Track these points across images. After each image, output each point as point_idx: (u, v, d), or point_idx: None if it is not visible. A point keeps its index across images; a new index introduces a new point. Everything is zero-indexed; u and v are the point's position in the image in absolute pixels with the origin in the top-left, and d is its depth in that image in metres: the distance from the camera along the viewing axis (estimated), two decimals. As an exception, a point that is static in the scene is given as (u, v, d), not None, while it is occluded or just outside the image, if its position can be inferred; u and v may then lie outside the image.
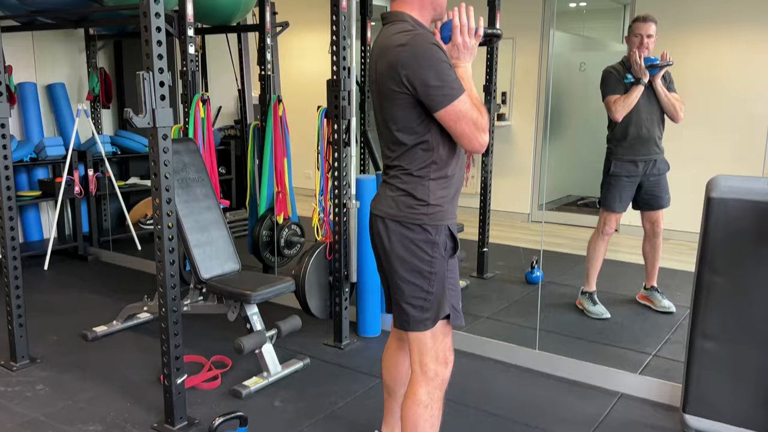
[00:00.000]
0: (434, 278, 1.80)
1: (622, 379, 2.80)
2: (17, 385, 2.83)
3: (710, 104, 4.81)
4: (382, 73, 1.75)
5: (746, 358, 2.31)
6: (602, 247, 3.57)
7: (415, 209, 1.77)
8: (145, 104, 2.20)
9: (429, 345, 1.84)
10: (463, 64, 1.80)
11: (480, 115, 1.72)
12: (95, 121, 5.16)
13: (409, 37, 1.70)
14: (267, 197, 4.13)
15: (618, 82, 3.41)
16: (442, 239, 1.80)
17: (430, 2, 1.81)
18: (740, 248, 2.29)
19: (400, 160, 1.80)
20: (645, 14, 3.39)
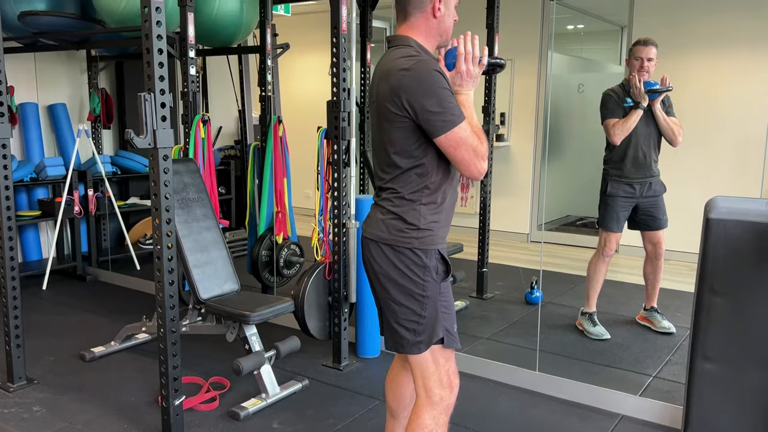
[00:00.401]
0: (427, 302, 1.79)
1: (622, 401, 2.78)
2: (14, 407, 2.80)
3: (708, 125, 4.84)
4: (383, 96, 1.76)
5: (747, 380, 2.29)
6: (603, 269, 3.56)
7: (405, 233, 1.78)
8: (146, 125, 2.22)
9: (431, 369, 1.83)
10: (465, 92, 1.81)
11: (480, 142, 1.73)
12: (96, 141, 5.18)
13: (413, 62, 1.72)
14: (266, 217, 4.13)
15: (617, 105, 3.43)
16: (433, 263, 1.79)
17: (436, 29, 1.82)
18: (740, 269, 2.29)
19: (393, 183, 1.80)
20: (646, 37, 3.41)
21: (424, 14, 1.80)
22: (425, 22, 1.81)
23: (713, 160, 4.84)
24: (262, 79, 4.17)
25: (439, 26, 1.82)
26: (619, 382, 2.99)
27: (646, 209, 3.53)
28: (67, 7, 4.29)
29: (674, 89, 3.45)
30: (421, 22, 1.81)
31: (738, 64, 4.79)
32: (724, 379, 2.34)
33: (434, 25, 1.81)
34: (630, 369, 3.20)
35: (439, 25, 1.82)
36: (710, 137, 4.85)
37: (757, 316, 2.27)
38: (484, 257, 4.32)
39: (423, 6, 1.79)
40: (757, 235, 2.25)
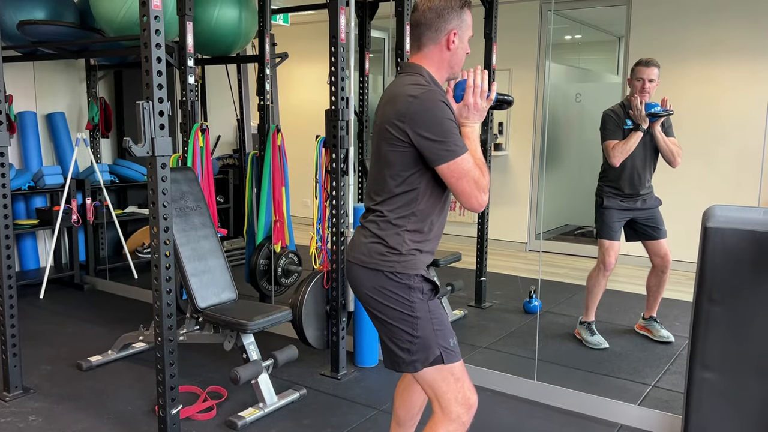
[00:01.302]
0: (418, 322, 1.77)
1: (621, 411, 2.77)
2: (9, 416, 2.79)
3: (705, 134, 4.86)
4: (387, 118, 1.77)
5: (746, 389, 2.29)
6: (603, 283, 3.55)
7: (385, 256, 1.77)
8: (145, 133, 2.22)
9: (443, 388, 1.80)
10: (470, 124, 1.83)
11: (482, 175, 1.74)
12: (94, 150, 5.18)
13: (421, 90, 1.74)
14: (264, 226, 4.13)
15: (617, 126, 3.44)
16: (417, 284, 1.78)
17: (448, 61, 1.84)
18: (738, 278, 2.29)
19: (381, 206, 1.80)
20: (648, 58, 3.39)
21: (438, 46, 1.82)
22: (438, 54, 1.83)
23: (711, 169, 4.86)
24: (261, 88, 4.18)
25: (451, 59, 1.84)
26: (618, 392, 2.98)
27: (644, 220, 3.54)
28: (66, 16, 4.30)
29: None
30: (434, 53, 1.83)
31: (736, 74, 4.82)
32: (723, 388, 2.33)
33: (447, 57, 1.83)
34: (629, 378, 3.19)
35: (452, 58, 1.84)
36: (708, 147, 4.87)
37: (755, 324, 2.27)
38: (482, 266, 4.32)
39: (438, 38, 1.81)
40: (755, 243, 2.25)
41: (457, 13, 1.81)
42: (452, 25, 1.81)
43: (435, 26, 1.80)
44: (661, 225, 3.55)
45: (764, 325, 2.25)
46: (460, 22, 1.82)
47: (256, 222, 4.17)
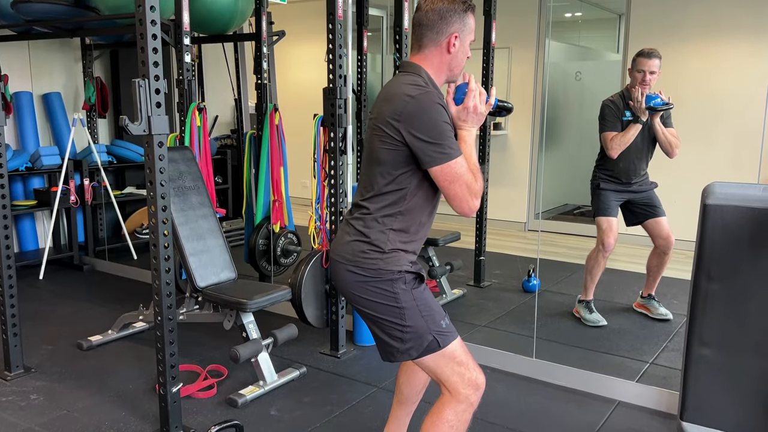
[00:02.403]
0: (406, 313, 1.76)
1: (619, 387, 2.79)
2: (11, 395, 2.80)
3: (705, 113, 4.84)
4: (382, 115, 1.75)
5: (744, 365, 2.30)
6: (602, 263, 3.56)
7: (367, 254, 1.76)
8: (141, 111, 2.20)
9: (447, 372, 1.80)
10: (468, 128, 1.81)
11: (474, 180, 1.73)
12: (91, 130, 5.16)
13: (419, 91, 1.72)
14: (263, 206, 4.12)
15: (616, 117, 3.43)
16: (398, 275, 1.77)
17: (448, 64, 1.82)
18: (737, 255, 2.30)
19: (369, 202, 1.79)
20: (650, 49, 3.36)
21: (438, 48, 1.80)
22: (438, 56, 1.81)
23: (711, 147, 4.84)
24: (258, 67, 4.15)
25: (451, 61, 1.82)
26: (616, 369, 3.00)
27: (641, 201, 3.56)
28: (61, -5, 4.25)
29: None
30: (434, 55, 1.81)
31: (736, 52, 4.78)
32: (720, 365, 2.34)
33: (447, 60, 1.81)
34: (627, 356, 3.21)
35: (452, 61, 1.82)
36: (708, 125, 4.85)
37: (754, 301, 2.27)
38: (481, 246, 4.32)
39: (438, 41, 1.79)
40: (755, 220, 2.25)
41: (459, 16, 1.79)
42: (454, 28, 1.79)
43: (437, 28, 1.78)
44: (658, 204, 3.56)
45: (762, 302, 2.26)
46: (463, 25, 1.80)
47: (255, 202, 4.16)
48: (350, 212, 1.87)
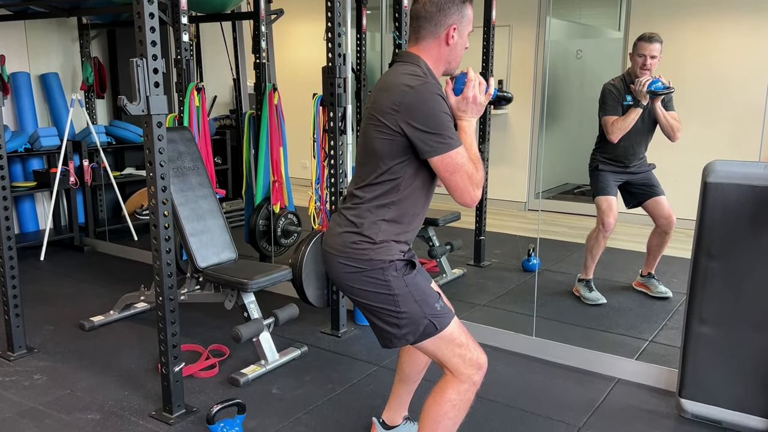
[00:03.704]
0: (399, 299, 1.76)
1: (618, 365, 2.81)
2: (14, 375, 2.82)
3: (707, 89, 4.80)
4: (380, 105, 1.73)
5: (742, 342, 2.32)
6: (602, 243, 3.56)
7: (358, 245, 1.76)
8: (139, 91, 2.19)
9: (448, 355, 1.80)
10: (468, 118, 1.80)
11: (475, 170, 1.72)
12: (89, 111, 5.13)
13: (418, 82, 1.70)
14: (263, 186, 4.11)
15: (616, 102, 3.41)
16: (389, 264, 1.76)
17: (446, 56, 1.80)
18: (737, 233, 2.30)
19: (363, 191, 1.78)
20: (651, 33, 3.34)
21: (437, 40, 1.78)
22: (437, 48, 1.79)
23: (712, 126, 4.81)
24: (257, 46, 4.11)
25: (449, 54, 1.80)
26: (616, 347, 3.01)
27: (639, 182, 3.57)
28: (56, -27, 4.21)
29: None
30: (432, 47, 1.79)
31: (738, 31, 4.73)
32: (719, 341, 2.36)
33: (445, 52, 1.80)
34: (626, 334, 3.22)
35: (450, 53, 1.80)
36: (709, 104, 4.81)
37: (752, 279, 2.28)
38: (481, 226, 4.32)
39: (437, 33, 1.77)
40: (755, 198, 2.24)
41: (458, 8, 1.77)
42: (452, 20, 1.77)
43: (435, 20, 1.76)
44: (656, 183, 3.57)
45: (761, 280, 2.26)
46: (461, 17, 1.78)
47: (255, 183, 4.15)
48: (344, 200, 1.87)
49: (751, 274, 2.28)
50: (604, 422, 2.44)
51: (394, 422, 2.23)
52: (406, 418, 2.26)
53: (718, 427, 2.38)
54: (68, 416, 2.48)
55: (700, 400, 2.41)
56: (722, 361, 2.36)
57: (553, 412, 2.51)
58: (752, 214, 2.26)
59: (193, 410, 2.50)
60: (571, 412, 2.50)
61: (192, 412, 2.49)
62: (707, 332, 2.38)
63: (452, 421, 1.81)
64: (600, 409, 2.53)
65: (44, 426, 2.41)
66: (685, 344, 2.44)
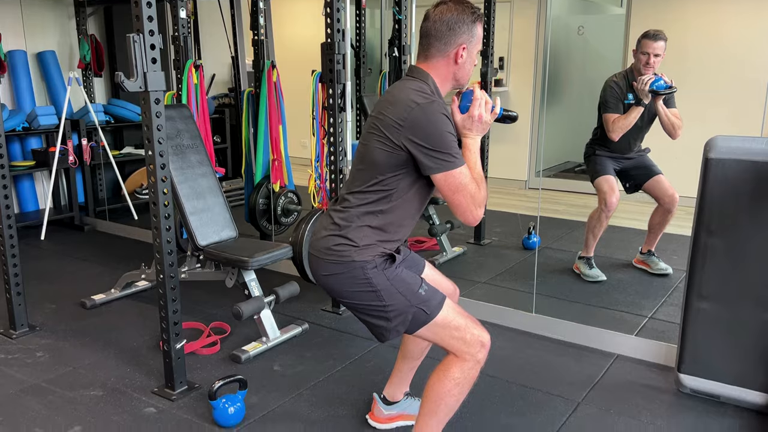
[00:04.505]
0: (382, 293, 1.76)
1: (618, 341, 2.82)
2: (17, 353, 2.84)
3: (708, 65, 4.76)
4: (386, 119, 1.73)
5: (742, 318, 2.32)
6: (604, 222, 3.56)
7: (340, 246, 1.76)
8: (136, 67, 2.17)
9: (447, 338, 1.80)
10: (473, 136, 1.81)
11: (478, 189, 1.73)
12: (87, 89, 5.09)
13: (425, 100, 1.71)
14: (263, 165, 4.10)
15: (618, 100, 3.41)
16: (372, 260, 1.76)
17: (454, 74, 1.81)
18: (738, 209, 2.29)
19: (354, 196, 1.79)
20: (655, 31, 3.30)
21: (446, 59, 1.79)
22: (445, 66, 1.80)
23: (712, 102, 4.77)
24: (255, 23, 4.07)
25: (457, 72, 1.81)
26: (615, 323, 3.03)
27: (634, 165, 3.60)
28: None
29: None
30: (441, 65, 1.80)
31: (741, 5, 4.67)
32: (718, 317, 2.37)
33: (453, 70, 1.81)
34: (626, 310, 3.23)
35: (458, 71, 1.81)
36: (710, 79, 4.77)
37: (753, 254, 2.28)
38: (481, 203, 4.31)
39: (447, 51, 1.78)
40: (756, 173, 2.23)
41: (468, 27, 1.77)
42: (462, 39, 1.77)
43: (445, 39, 1.77)
44: (652, 163, 3.61)
45: (762, 255, 2.26)
46: (471, 36, 1.78)
47: (254, 161, 4.14)
48: (334, 202, 1.88)
49: (752, 250, 2.28)
50: (603, 397, 2.46)
51: (394, 398, 2.25)
52: (407, 394, 2.27)
53: (717, 401, 2.40)
54: (71, 393, 2.49)
55: (698, 375, 2.43)
56: (721, 337, 2.37)
57: (553, 387, 2.53)
58: (753, 189, 2.25)
59: (195, 386, 2.52)
60: (570, 388, 2.52)
61: (194, 388, 2.51)
62: (707, 308, 2.38)
63: (455, 399, 1.82)
64: (599, 385, 2.55)
65: (48, 402, 2.43)
66: (684, 320, 2.45)
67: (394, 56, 3.83)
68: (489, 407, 2.38)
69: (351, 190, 1.81)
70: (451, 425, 1.90)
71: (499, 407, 2.39)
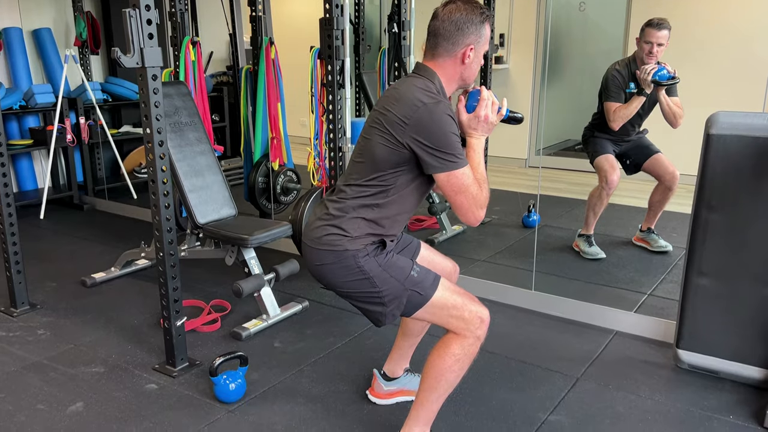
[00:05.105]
0: (375, 280, 1.77)
1: (617, 318, 2.83)
2: (18, 330, 2.85)
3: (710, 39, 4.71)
4: (390, 116, 1.73)
5: (741, 294, 2.33)
6: (605, 200, 3.56)
7: (333, 236, 1.76)
8: (133, 43, 2.14)
9: (445, 318, 1.81)
10: (478, 136, 1.82)
11: (480, 191, 1.74)
12: (84, 67, 5.05)
13: (431, 100, 1.71)
14: (261, 143, 4.08)
15: (620, 88, 3.39)
16: (363, 248, 1.77)
17: (460, 74, 1.81)
18: (738, 185, 2.28)
19: (350, 188, 1.79)
20: (659, 19, 3.26)
21: (453, 59, 1.79)
22: (452, 66, 1.80)
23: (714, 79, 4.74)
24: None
25: (464, 72, 1.81)
26: (614, 300, 3.03)
27: (632, 146, 3.60)
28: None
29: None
30: (447, 65, 1.80)
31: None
32: (718, 293, 2.37)
33: (460, 70, 1.81)
34: (625, 287, 3.24)
35: (465, 71, 1.81)
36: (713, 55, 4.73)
37: (753, 230, 2.28)
38: (481, 181, 4.30)
39: (454, 51, 1.78)
40: (757, 149, 2.22)
41: (476, 27, 1.76)
42: (470, 40, 1.77)
43: (453, 39, 1.76)
44: (649, 143, 3.60)
45: (762, 232, 2.26)
46: (479, 37, 1.78)
47: (253, 140, 4.11)
48: (330, 193, 1.88)
49: (752, 226, 2.28)
50: (602, 373, 2.47)
51: (394, 374, 2.26)
52: (407, 370, 2.29)
53: (715, 376, 2.41)
54: (73, 370, 2.51)
55: (697, 351, 2.44)
56: (720, 313, 2.38)
57: (552, 363, 2.54)
58: (754, 165, 2.24)
59: (196, 363, 2.53)
60: (569, 364, 2.54)
61: (195, 365, 2.52)
62: (706, 284, 2.39)
63: (455, 375, 1.83)
64: (598, 360, 2.57)
65: (49, 379, 2.44)
66: (683, 296, 2.45)
67: (393, 32, 3.79)
68: (488, 383, 2.39)
69: (348, 182, 1.81)
70: (450, 400, 1.92)
71: (499, 383, 2.40)
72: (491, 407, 2.24)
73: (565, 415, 2.20)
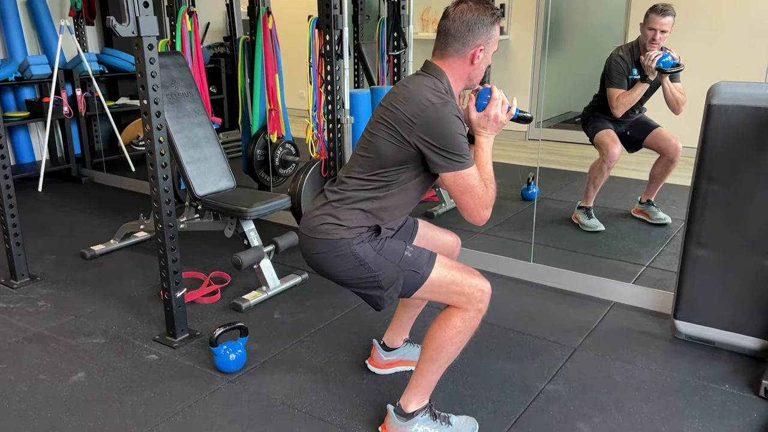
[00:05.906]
0: (371, 264, 1.76)
1: (615, 289, 2.85)
2: (19, 302, 2.86)
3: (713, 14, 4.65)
4: (398, 113, 1.72)
5: (739, 265, 2.33)
6: (606, 174, 3.55)
7: (330, 225, 1.76)
8: (128, 11, 2.11)
9: (445, 295, 1.81)
10: (487, 135, 1.82)
11: (486, 191, 1.74)
12: (80, 38, 4.99)
13: (439, 100, 1.70)
14: (259, 115, 4.05)
15: (623, 75, 3.36)
16: (358, 236, 1.76)
17: (469, 74, 1.81)
18: (739, 156, 2.27)
19: (352, 180, 1.79)
20: (664, 6, 3.21)
21: (462, 59, 1.78)
22: (461, 66, 1.79)
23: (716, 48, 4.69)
24: (249, -33, 3.95)
25: (472, 72, 1.81)
26: (613, 272, 3.04)
27: (634, 124, 3.58)
28: None
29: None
30: (456, 64, 1.79)
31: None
32: (715, 264, 2.38)
33: (468, 70, 1.80)
34: (623, 259, 3.25)
35: (473, 72, 1.81)
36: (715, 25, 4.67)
37: (753, 201, 2.27)
38: (481, 154, 4.28)
39: (464, 52, 1.77)
40: (759, 120, 2.21)
41: (487, 28, 1.76)
42: (480, 41, 1.76)
43: (463, 39, 1.75)
44: (648, 119, 3.58)
45: (762, 203, 2.26)
46: (488, 37, 1.77)
47: (251, 112, 4.08)
48: (330, 183, 1.87)
49: (752, 197, 2.27)
50: (600, 343, 2.49)
51: (394, 344, 2.28)
52: (406, 341, 2.30)
53: (711, 346, 2.43)
54: (74, 341, 2.52)
55: (694, 321, 2.45)
56: (718, 283, 2.39)
57: (550, 333, 2.56)
58: (755, 136, 2.23)
59: (197, 334, 2.55)
60: (567, 334, 2.55)
61: (195, 336, 2.54)
62: (704, 255, 2.39)
63: (456, 346, 1.84)
64: (595, 331, 2.58)
65: (50, 350, 2.46)
66: (681, 267, 2.46)
67: (392, 2, 3.73)
68: (486, 353, 2.41)
69: (350, 174, 1.81)
70: (449, 370, 1.93)
71: (497, 353, 2.42)
72: (489, 377, 2.26)
73: (562, 385, 2.22)
